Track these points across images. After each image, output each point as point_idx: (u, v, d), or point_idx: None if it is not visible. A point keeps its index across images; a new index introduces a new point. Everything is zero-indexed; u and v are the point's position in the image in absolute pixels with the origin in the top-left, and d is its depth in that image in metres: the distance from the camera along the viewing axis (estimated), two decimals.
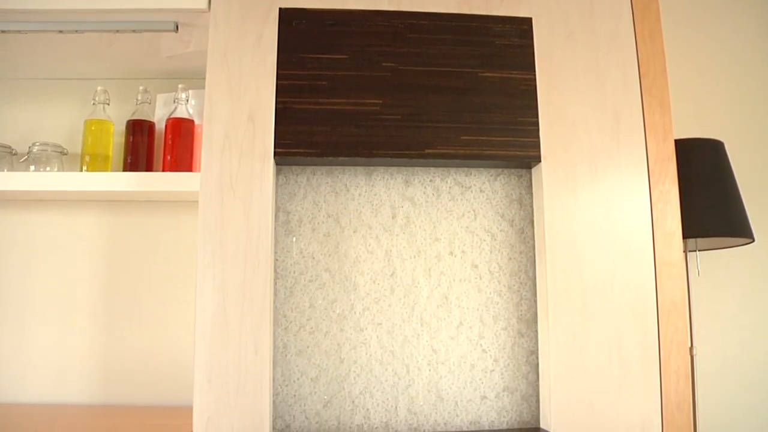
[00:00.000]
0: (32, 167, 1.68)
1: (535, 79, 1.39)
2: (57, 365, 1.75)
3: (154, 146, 1.71)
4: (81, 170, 1.67)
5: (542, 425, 1.35)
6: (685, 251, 1.86)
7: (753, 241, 1.77)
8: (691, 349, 1.82)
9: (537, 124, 1.37)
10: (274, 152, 1.32)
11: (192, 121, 1.67)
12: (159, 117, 1.74)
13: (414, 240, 1.39)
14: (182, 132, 1.65)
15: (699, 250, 1.95)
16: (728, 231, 1.70)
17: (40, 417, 1.48)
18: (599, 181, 1.37)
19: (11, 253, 1.79)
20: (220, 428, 1.25)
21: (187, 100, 1.69)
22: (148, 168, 1.68)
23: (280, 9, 1.37)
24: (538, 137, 1.37)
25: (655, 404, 1.32)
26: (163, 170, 1.65)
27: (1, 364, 1.76)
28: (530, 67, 1.40)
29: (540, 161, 1.37)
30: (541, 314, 1.36)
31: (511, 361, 1.38)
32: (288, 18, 1.37)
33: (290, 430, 1.33)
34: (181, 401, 1.74)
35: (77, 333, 1.77)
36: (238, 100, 1.33)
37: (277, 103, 1.34)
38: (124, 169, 1.68)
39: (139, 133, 1.68)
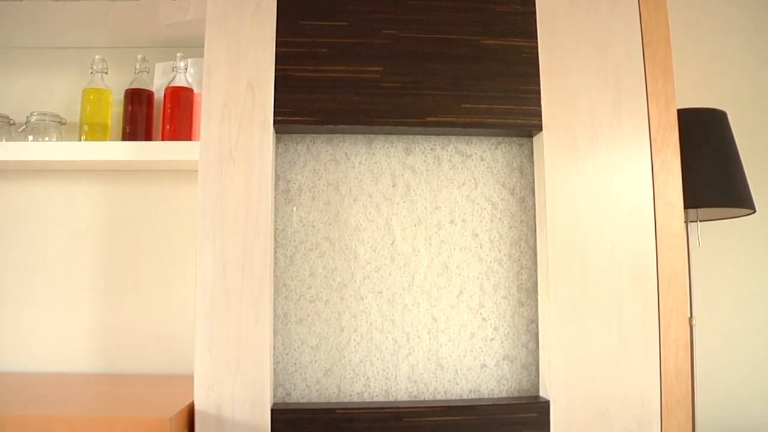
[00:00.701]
0: (30, 137, 1.67)
1: (537, 47, 1.38)
2: (58, 334, 1.76)
3: (153, 115, 1.70)
4: (80, 140, 1.67)
5: (542, 393, 1.35)
6: (685, 221, 1.86)
7: (754, 211, 1.77)
8: (690, 319, 1.82)
9: (539, 92, 1.36)
10: (274, 120, 1.31)
11: (191, 90, 1.66)
12: (158, 86, 1.73)
13: (414, 208, 1.39)
14: (181, 101, 1.64)
15: (700, 221, 1.95)
16: (729, 201, 1.70)
17: (42, 385, 1.49)
18: (601, 150, 1.36)
19: (10, 223, 1.78)
20: (220, 396, 1.25)
21: (186, 69, 1.67)
22: (147, 137, 1.68)
23: None
24: (540, 106, 1.36)
25: (654, 374, 1.33)
26: (163, 139, 1.65)
27: (2, 333, 1.76)
28: (532, 34, 1.38)
29: (541, 130, 1.36)
30: (542, 283, 1.36)
31: (511, 330, 1.38)
32: None
33: (291, 398, 1.34)
34: (182, 370, 1.75)
35: (78, 303, 1.77)
36: (237, 68, 1.32)
37: (276, 71, 1.33)
38: (123, 139, 1.67)
39: (137, 102, 1.67)
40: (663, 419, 1.32)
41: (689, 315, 1.80)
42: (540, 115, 1.35)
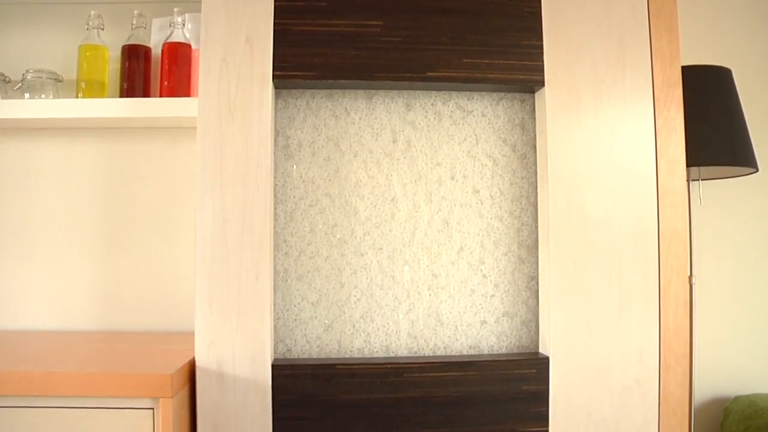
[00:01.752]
0: (27, 95, 1.65)
1: (539, 2, 1.35)
2: (58, 292, 1.76)
3: (151, 72, 1.68)
4: (77, 97, 1.65)
5: (541, 350, 1.36)
6: (687, 180, 1.85)
7: (757, 170, 1.76)
8: (690, 277, 1.82)
9: (541, 47, 1.34)
10: (273, 75, 1.29)
11: (189, 46, 1.64)
12: (155, 42, 1.71)
13: (415, 164, 1.38)
14: (179, 57, 1.62)
15: (702, 179, 1.94)
16: (732, 160, 1.69)
17: (42, 343, 1.50)
18: (603, 107, 1.35)
19: (8, 182, 1.77)
20: (221, 353, 1.26)
21: (184, 24, 1.65)
22: (145, 94, 1.66)
23: None
24: (542, 61, 1.34)
25: (654, 330, 1.33)
26: (161, 96, 1.63)
27: (1, 292, 1.77)
28: None
29: (543, 85, 1.34)
30: (542, 240, 1.35)
31: (511, 287, 1.38)
32: None
33: (291, 354, 1.34)
34: (183, 327, 1.76)
35: (78, 260, 1.77)
36: (235, 23, 1.30)
37: (275, 25, 1.31)
38: (121, 96, 1.65)
39: (134, 58, 1.65)
40: (661, 376, 1.33)
41: (689, 273, 1.81)
42: (542, 71, 1.34)
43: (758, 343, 2.02)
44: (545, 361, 1.31)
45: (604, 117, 1.34)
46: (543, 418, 1.30)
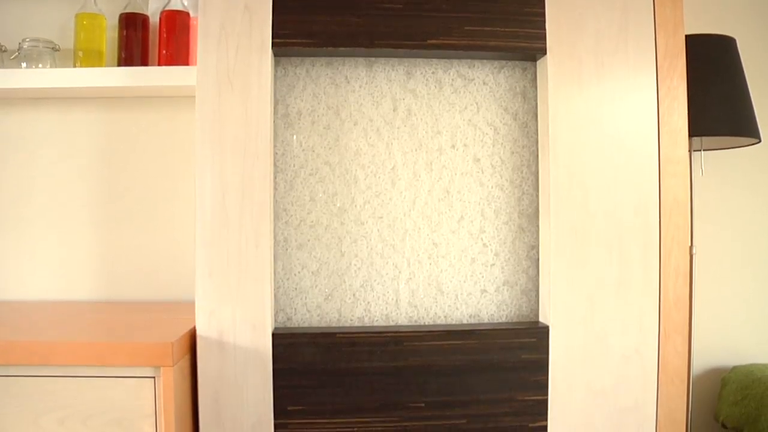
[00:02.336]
0: (23, 64, 1.64)
1: None
2: (58, 263, 1.76)
3: (149, 40, 1.67)
4: (74, 66, 1.64)
5: (541, 319, 1.36)
6: (689, 150, 1.84)
7: (759, 141, 1.75)
8: (690, 248, 1.82)
9: (543, 14, 1.33)
10: (272, 43, 1.28)
11: (187, 14, 1.62)
12: (153, 10, 1.69)
13: (415, 133, 1.37)
14: (177, 25, 1.61)
15: (704, 150, 1.93)
16: (735, 130, 1.68)
17: (43, 313, 1.50)
18: (606, 76, 1.33)
19: (6, 152, 1.76)
20: (221, 321, 1.26)
21: None
22: (143, 63, 1.65)
23: None
24: (544, 28, 1.32)
25: (653, 300, 1.33)
26: (159, 65, 1.62)
27: (2, 262, 1.77)
28: None
29: (545, 53, 1.33)
30: (543, 209, 1.35)
31: (511, 256, 1.38)
32: None
33: (292, 323, 1.35)
34: (183, 296, 1.76)
35: (78, 230, 1.77)
36: None
37: None
38: (119, 65, 1.64)
39: (132, 26, 1.64)
40: (660, 345, 1.33)
41: (690, 243, 1.81)
42: (544, 39, 1.32)
43: (757, 313, 2.02)
44: (545, 330, 1.31)
45: (606, 86, 1.33)
46: (542, 387, 1.31)
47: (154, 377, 1.16)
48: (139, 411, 1.16)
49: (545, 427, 1.31)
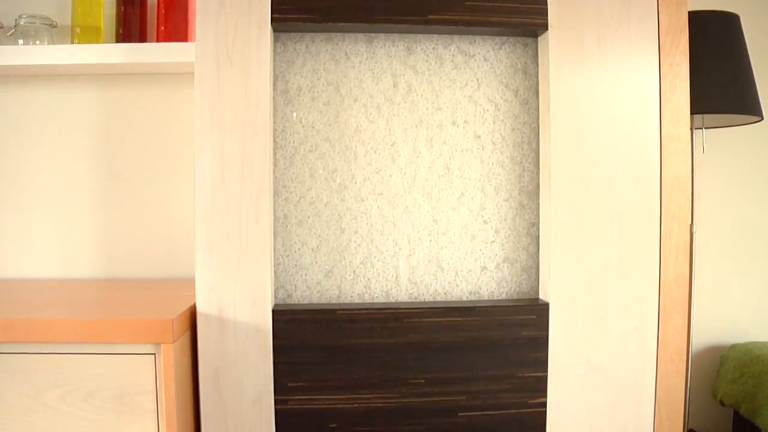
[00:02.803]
0: (20, 41, 1.62)
1: None
2: (58, 240, 1.76)
3: (147, 17, 1.65)
4: (72, 43, 1.63)
5: (541, 296, 1.36)
6: (691, 128, 1.83)
7: (762, 119, 1.74)
8: (691, 225, 1.82)
9: None
10: (272, 18, 1.27)
11: None
12: None
13: (416, 109, 1.36)
14: (175, 1, 1.59)
15: (706, 128, 1.92)
16: (737, 108, 1.67)
17: (44, 291, 1.50)
18: (608, 52, 1.32)
19: (4, 129, 1.76)
20: (222, 298, 1.26)
21: None
22: (142, 39, 1.64)
23: None
24: (546, 4, 1.31)
25: (654, 278, 1.33)
26: (157, 41, 1.61)
27: (3, 241, 1.76)
28: None
29: (547, 29, 1.31)
30: (543, 186, 1.35)
31: (511, 233, 1.38)
32: None
33: (291, 300, 1.35)
34: (183, 273, 1.76)
35: (77, 208, 1.77)
36: None
37: None
38: (117, 41, 1.63)
39: (130, 3, 1.62)
40: (660, 323, 1.33)
41: (690, 221, 1.80)
42: (546, 14, 1.31)
43: (756, 292, 2.02)
44: (545, 307, 1.31)
45: (608, 62, 1.32)
46: (542, 364, 1.31)
47: (154, 354, 1.16)
48: (140, 387, 1.17)
49: (544, 404, 1.32)
